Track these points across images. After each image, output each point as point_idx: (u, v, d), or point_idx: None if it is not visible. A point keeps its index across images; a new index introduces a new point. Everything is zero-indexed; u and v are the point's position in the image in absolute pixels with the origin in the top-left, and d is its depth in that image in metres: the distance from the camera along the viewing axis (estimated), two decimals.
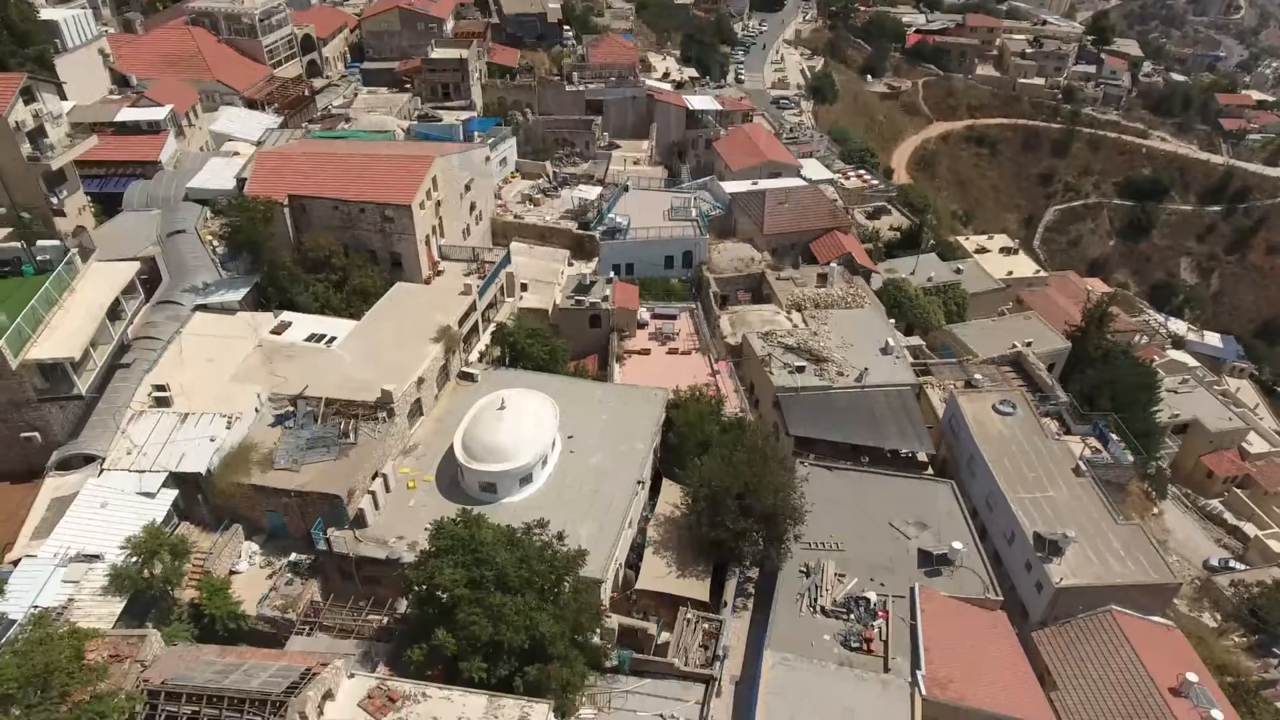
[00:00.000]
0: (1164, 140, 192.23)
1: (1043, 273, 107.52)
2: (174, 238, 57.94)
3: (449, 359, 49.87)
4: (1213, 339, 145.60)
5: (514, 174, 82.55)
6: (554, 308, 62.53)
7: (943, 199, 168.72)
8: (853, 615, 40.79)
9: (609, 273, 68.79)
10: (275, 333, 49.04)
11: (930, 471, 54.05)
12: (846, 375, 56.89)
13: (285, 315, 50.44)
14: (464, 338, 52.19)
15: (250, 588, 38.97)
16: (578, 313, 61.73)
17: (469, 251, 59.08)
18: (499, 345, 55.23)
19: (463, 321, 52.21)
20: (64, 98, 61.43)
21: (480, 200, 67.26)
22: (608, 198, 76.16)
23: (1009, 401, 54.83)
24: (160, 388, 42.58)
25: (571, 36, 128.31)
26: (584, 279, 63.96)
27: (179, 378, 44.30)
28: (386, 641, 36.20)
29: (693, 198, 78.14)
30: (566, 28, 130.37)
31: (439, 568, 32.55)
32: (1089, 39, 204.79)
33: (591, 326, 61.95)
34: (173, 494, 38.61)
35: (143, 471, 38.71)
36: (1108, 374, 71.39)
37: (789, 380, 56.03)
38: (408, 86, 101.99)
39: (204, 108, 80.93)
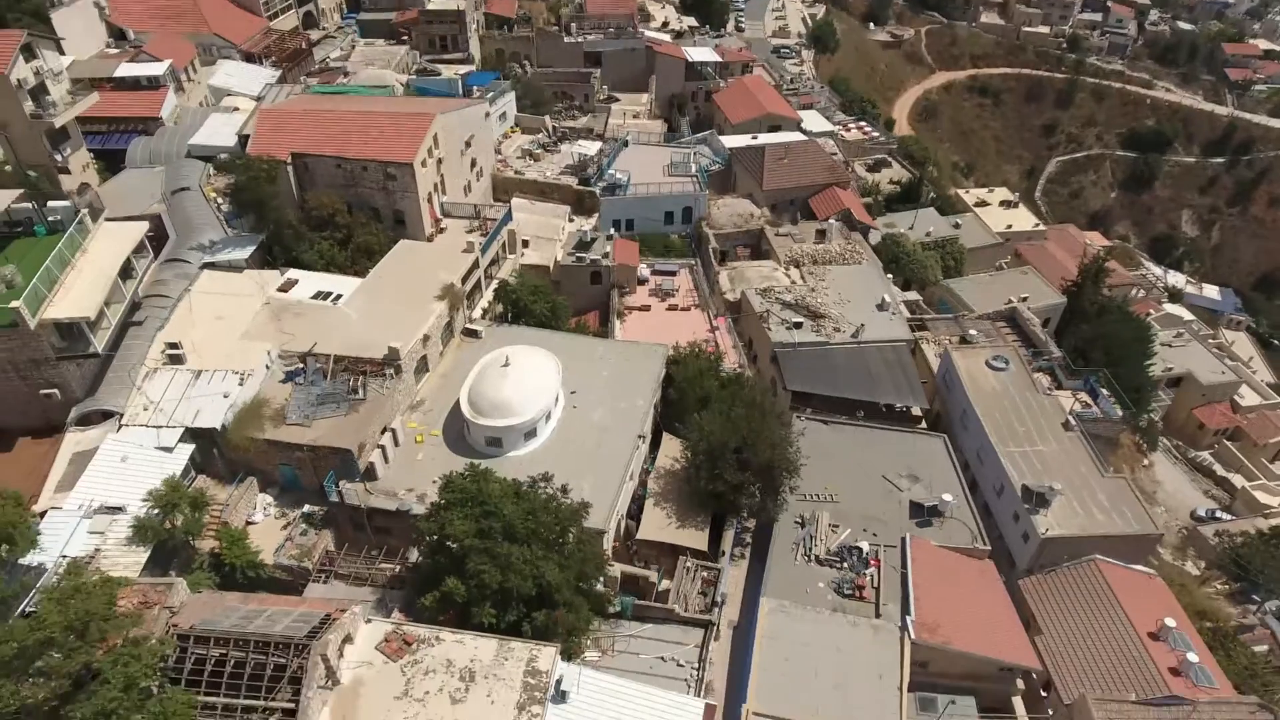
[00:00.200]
0: (1169, 91, 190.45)
1: (1042, 226, 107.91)
2: (179, 195, 58.45)
3: (453, 316, 50.78)
4: (1211, 292, 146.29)
5: (513, 129, 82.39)
6: (555, 264, 63.21)
7: (944, 151, 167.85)
8: (846, 564, 42.42)
9: (609, 229, 69.26)
10: (282, 290, 49.85)
11: (924, 426, 55.35)
12: (843, 331, 57.90)
13: (291, 273, 51.18)
14: (467, 295, 53.05)
15: (266, 538, 40.49)
16: (579, 269, 62.43)
17: (471, 209, 59.53)
18: (502, 302, 56.07)
19: (466, 279, 53.00)
20: (62, 53, 61.25)
21: (481, 157, 67.44)
22: (607, 153, 76.20)
23: (1002, 357, 55.94)
24: (173, 345, 43.60)
25: None
26: (585, 235, 64.50)
27: (190, 335, 45.27)
28: (399, 589, 37.83)
29: (692, 153, 78.20)
30: None
31: (449, 519, 33.95)
32: None
33: (592, 283, 62.71)
34: (190, 448, 39.91)
35: (160, 427, 39.99)
36: (1102, 328, 72.39)
37: (786, 336, 57.04)
38: (405, 38, 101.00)
39: (201, 61, 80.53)
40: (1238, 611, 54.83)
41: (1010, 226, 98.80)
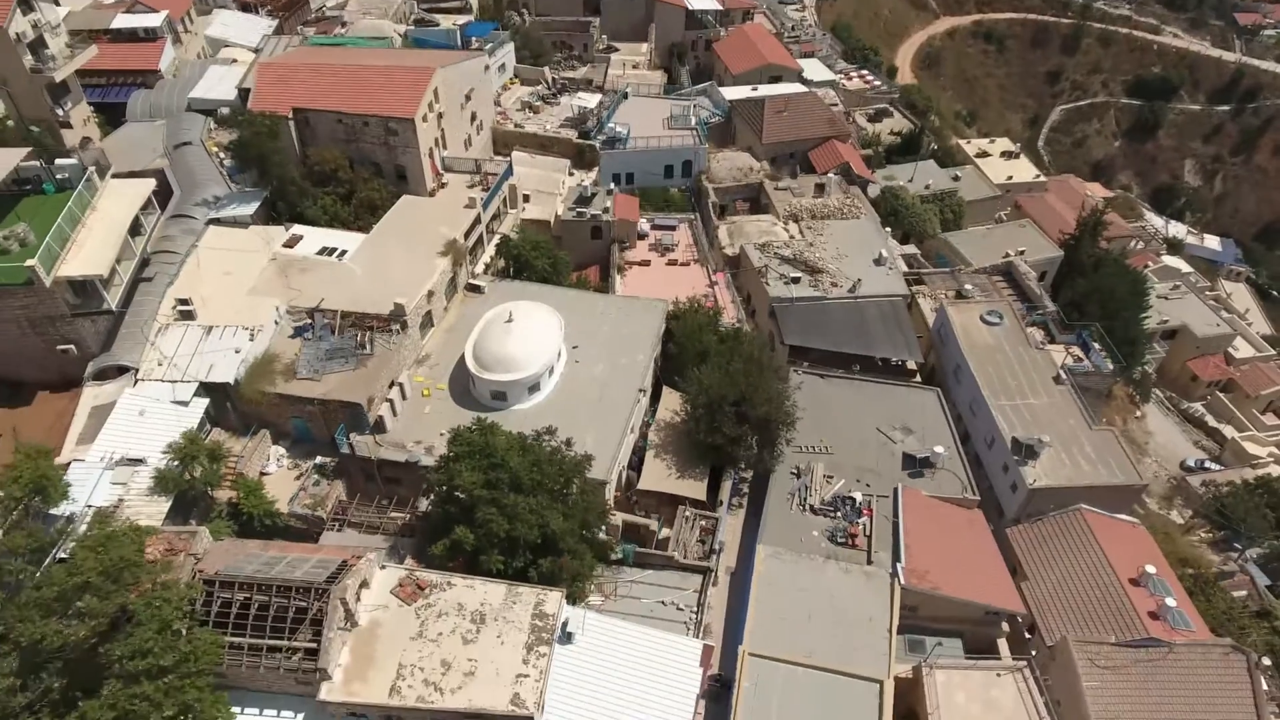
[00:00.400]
0: (1176, 36, 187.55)
1: (1042, 177, 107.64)
2: (181, 150, 58.68)
3: (456, 271, 51.56)
4: (1212, 242, 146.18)
5: (512, 80, 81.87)
6: (556, 219, 63.65)
7: (947, 99, 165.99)
8: (839, 513, 44.00)
9: (609, 183, 69.51)
10: (288, 246, 50.50)
11: (918, 379, 56.52)
12: (840, 286, 58.66)
13: (296, 229, 51.79)
14: (470, 250, 53.74)
15: (280, 488, 41.91)
16: (579, 224, 62.90)
17: (472, 164, 59.71)
18: (504, 257, 56.73)
19: (468, 234, 53.63)
20: (57, 3, 60.88)
21: (481, 110, 67.31)
22: (607, 105, 75.93)
23: (996, 312, 56.83)
24: (184, 301, 44.48)
25: None
26: (585, 190, 64.80)
27: (199, 291, 46.08)
28: (410, 537, 39.41)
29: (692, 105, 77.89)
30: None
31: (458, 471, 35.30)
32: None
33: (593, 238, 63.24)
34: (204, 402, 41.11)
35: (175, 381, 41.12)
36: (1098, 282, 72.84)
37: (784, 291, 57.81)
38: None
39: (197, 11, 79.66)
40: (1219, 559, 56.71)
41: (1010, 178, 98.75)
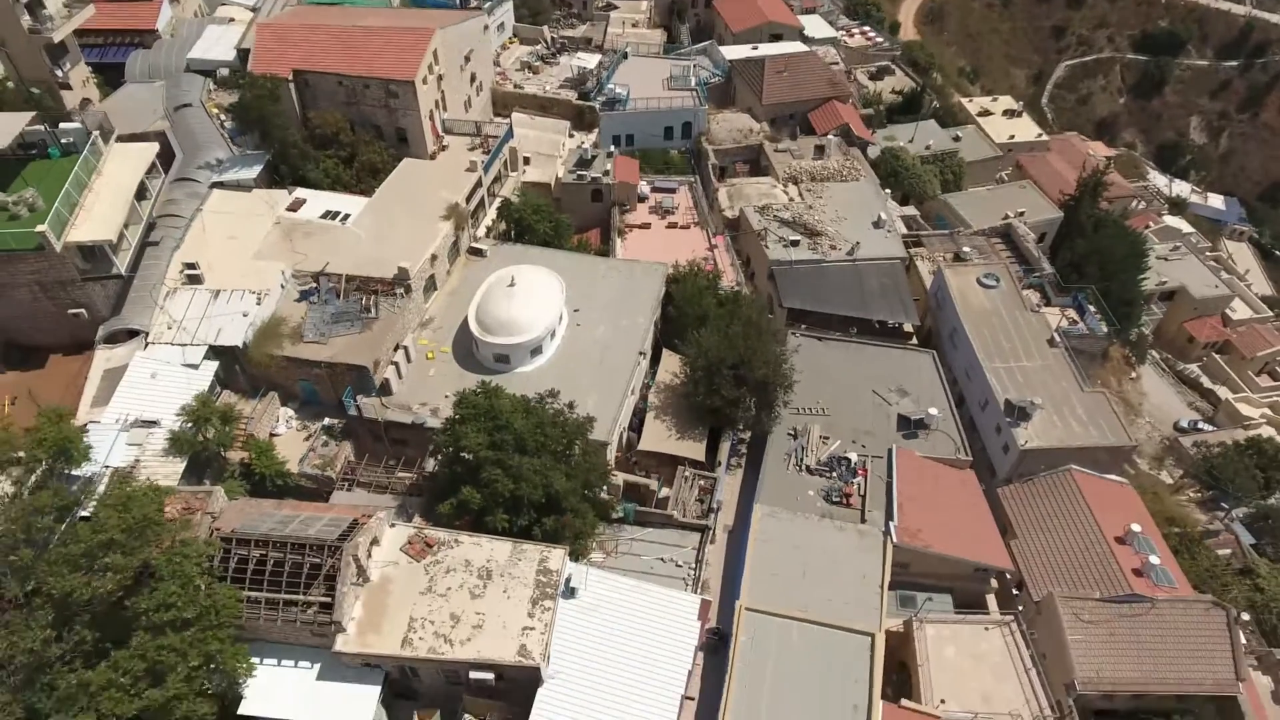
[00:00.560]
0: None
1: (1044, 136, 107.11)
2: (181, 111, 58.64)
3: (459, 235, 52.07)
4: (1216, 201, 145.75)
5: (511, 39, 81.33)
6: (556, 182, 63.87)
7: (950, 55, 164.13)
8: (835, 473, 45.14)
9: (609, 144, 69.57)
10: (291, 210, 50.90)
11: (915, 342, 57.32)
12: (839, 249, 59.13)
13: (299, 192, 52.09)
14: (471, 214, 54.17)
15: (289, 448, 42.99)
16: (579, 187, 63.12)
17: (472, 126, 59.79)
18: (505, 221, 57.16)
19: (470, 198, 54.02)
20: None
21: (480, 71, 67.07)
22: (607, 65, 75.56)
23: (993, 275, 57.41)
24: (190, 265, 45.09)
25: None
26: (585, 153, 64.88)
27: (205, 255, 46.64)
28: (417, 496, 40.61)
29: (692, 65, 77.39)
30: None
31: (464, 433, 36.33)
32: None
33: (593, 201, 63.52)
34: (214, 365, 41.99)
35: (185, 345, 41.95)
36: (1097, 243, 73.11)
37: (783, 254, 58.31)
38: None
39: None
40: (1206, 518, 57.95)
41: (1013, 137, 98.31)
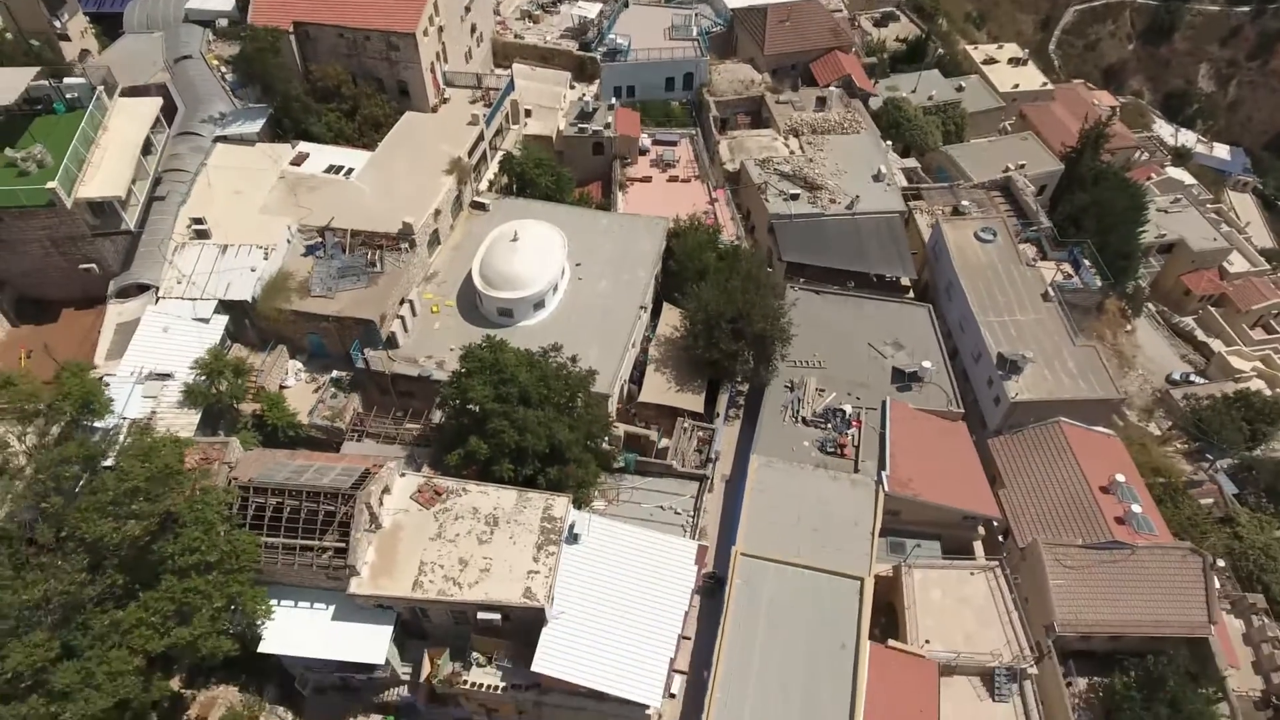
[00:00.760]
0: None
1: (1050, 85, 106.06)
2: (182, 64, 58.43)
3: (461, 190, 52.53)
4: (1221, 151, 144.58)
5: None
6: (558, 134, 63.92)
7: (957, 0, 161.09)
8: (830, 424, 46.44)
9: (610, 96, 69.38)
10: (295, 164, 51.28)
11: (911, 295, 58.12)
12: (838, 203, 59.53)
13: (303, 146, 52.39)
14: (474, 167, 54.51)
15: (299, 400, 44.18)
16: (581, 140, 63.23)
17: (473, 78, 59.68)
18: (507, 174, 57.49)
19: (472, 152, 54.29)
20: None
21: (480, 21, 66.49)
22: (607, 14, 74.85)
23: (990, 229, 57.94)
24: (198, 220, 45.73)
25: None
26: (586, 105, 64.79)
27: (211, 210, 47.19)
28: (425, 447, 41.91)
29: (694, 15, 76.65)
30: None
31: (470, 386, 37.47)
32: None
33: (594, 154, 63.69)
34: (224, 319, 42.89)
35: (195, 299, 42.82)
36: (1097, 196, 73.28)
37: (783, 208, 58.76)
38: None
39: None
40: (1191, 469, 59.50)
41: (1017, 86, 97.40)
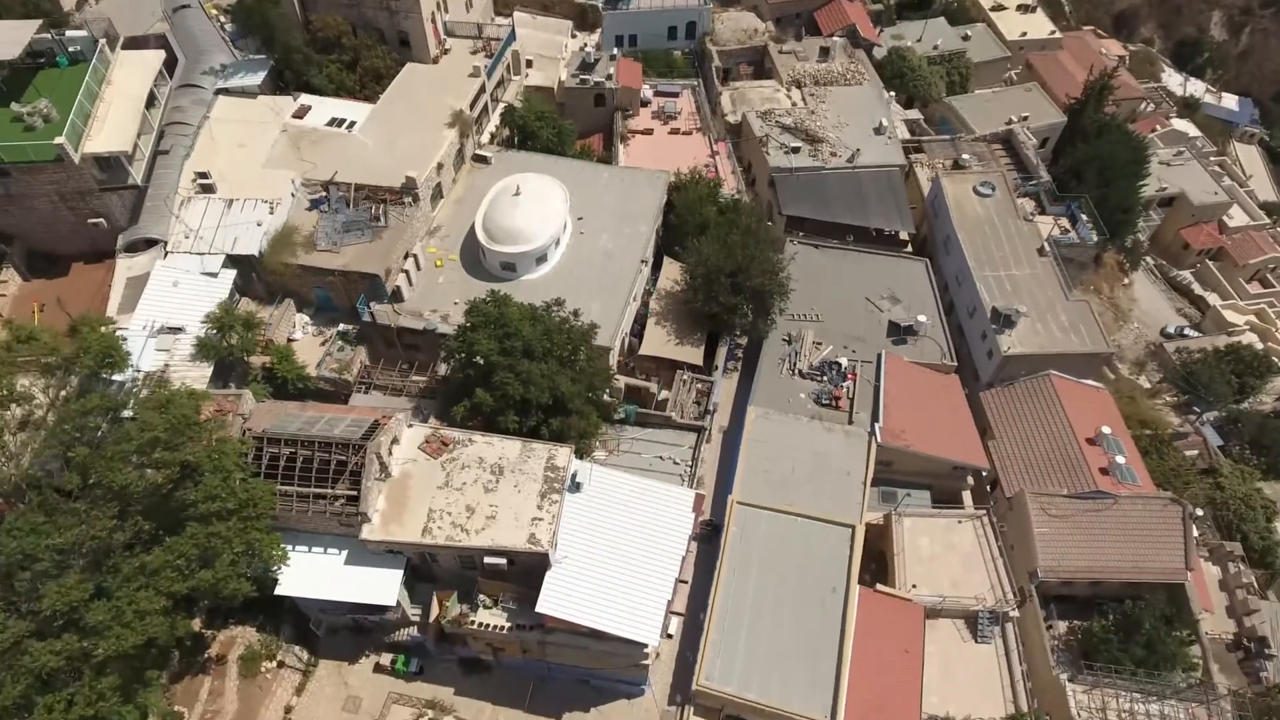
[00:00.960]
0: None
1: (1058, 33, 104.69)
2: (181, 13, 58.21)
3: (463, 143, 52.81)
4: (1229, 101, 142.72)
5: None
6: (559, 85, 63.79)
7: None
8: (826, 377, 47.56)
9: (612, 45, 68.92)
10: (297, 117, 51.52)
11: (910, 249, 58.67)
12: (839, 156, 59.68)
13: (304, 98, 52.57)
14: (475, 120, 54.64)
15: (306, 353, 45.22)
16: (582, 92, 63.08)
17: (474, 28, 59.37)
18: (508, 127, 57.62)
19: (473, 104, 54.38)
20: None
21: None
22: None
23: (989, 183, 58.22)
24: (202, 174, 46.21)
25: None
26: (588, 55, 64.50)
27: (215, 164, 47.64)
28: (431, 398, 43.10)
29: None
30: None
31: (476, 340, 38.49)
32: None
33: (596, 105, 63.61)
34: (232, 273, 43.70)
35: (203, 254, 43.56)
36: (1099, 149, 73.23)
37: (784, 161, 58.91)
38: None
39: None
40: (1179, 421, 60.76)
41: (1025, 34, 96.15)
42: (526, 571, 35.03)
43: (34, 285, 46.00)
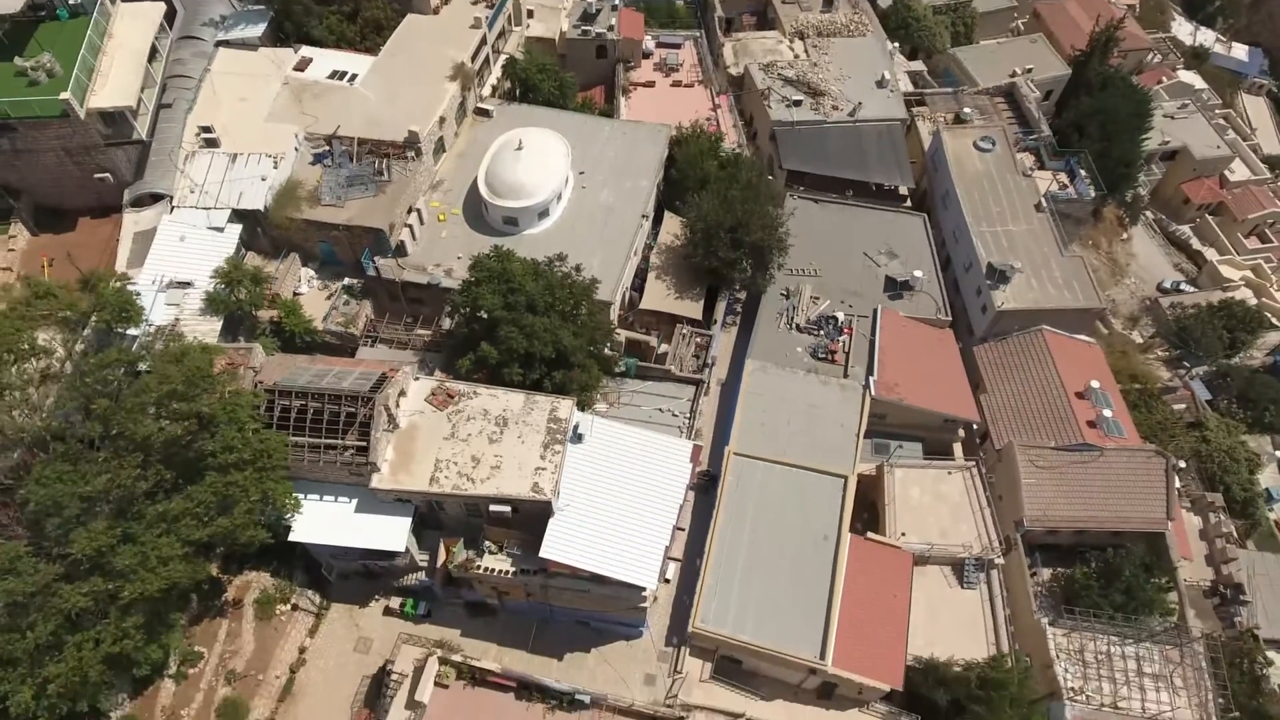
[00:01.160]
0: None
1: None
2: None
3: (465, 96, 52.81)
4: (1239, 51, 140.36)
5: None
6: (560, 37, 63.40)
7: None
8: (822, 331, 48.48)
9: None
10: (298, 69, 51.44)
11: (909, 204, 59.02)
12: (841, 109, 59.63)
13: (305, 51, 52.41)
14: (476, 72, 54.54)
15: (312, 307, 45.95)
16: (584, 43, 62.71)
17: None
18: (510, 79, 57.49)
19: (475, 56, 54.18)
20: None
21: None
22: None
23: (989, 138, 58.32)
24: (206, 129, 46.46)
25: None
26: (590, 6, 63.90)
27: (218, 118, 47.84)
28: (436, 352, 44.03)
29: None
30: None
31: (480, 294, 39.31)
32: None
33: (598, 57, 63.29)
34: (238, 228, 44.26)
35: (209, 209, 44.08)
36: (1102, 102, 72.85)
37: (786, 114, 58.89)
38: None
39: None
40: (1169, 376, 61.78)
41: None
42: (530, 519, 36.30)
43: (42, 240, 46.65)
